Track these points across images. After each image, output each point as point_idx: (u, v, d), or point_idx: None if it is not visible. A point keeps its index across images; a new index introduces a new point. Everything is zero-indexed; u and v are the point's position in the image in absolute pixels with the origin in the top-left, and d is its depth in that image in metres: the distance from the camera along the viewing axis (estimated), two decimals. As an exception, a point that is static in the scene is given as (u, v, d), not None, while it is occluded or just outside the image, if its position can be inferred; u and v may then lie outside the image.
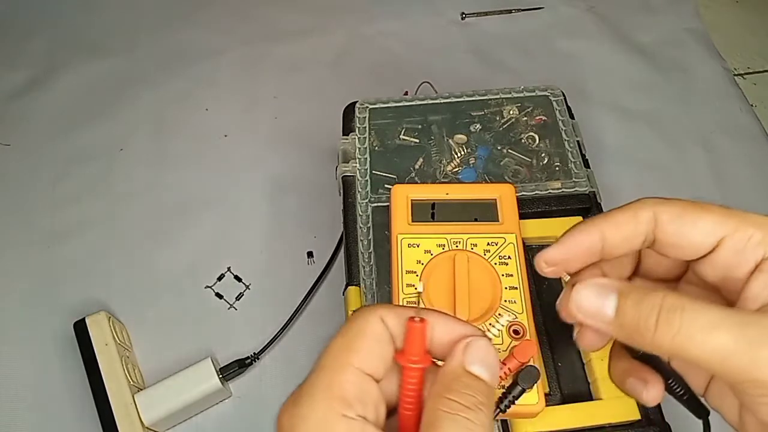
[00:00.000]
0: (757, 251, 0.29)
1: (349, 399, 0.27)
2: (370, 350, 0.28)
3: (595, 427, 0.41)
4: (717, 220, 0.29)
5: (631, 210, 0.31)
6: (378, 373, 0.28)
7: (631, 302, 0.28)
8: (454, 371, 0.28)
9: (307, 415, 0.27)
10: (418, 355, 0.28)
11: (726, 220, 0.29)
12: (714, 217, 0.30)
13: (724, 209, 0.30)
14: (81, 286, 0.61)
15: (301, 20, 0.82)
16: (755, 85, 0.78)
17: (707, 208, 0.30)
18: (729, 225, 0.29)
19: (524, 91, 0.58)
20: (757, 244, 0.29)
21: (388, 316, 0.29)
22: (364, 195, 0.52)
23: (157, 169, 0.69)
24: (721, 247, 0.30)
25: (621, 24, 0.81)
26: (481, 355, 0.28)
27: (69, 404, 0.55)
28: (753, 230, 0.29)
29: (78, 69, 0.78)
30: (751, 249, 0.29)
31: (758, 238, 0.29)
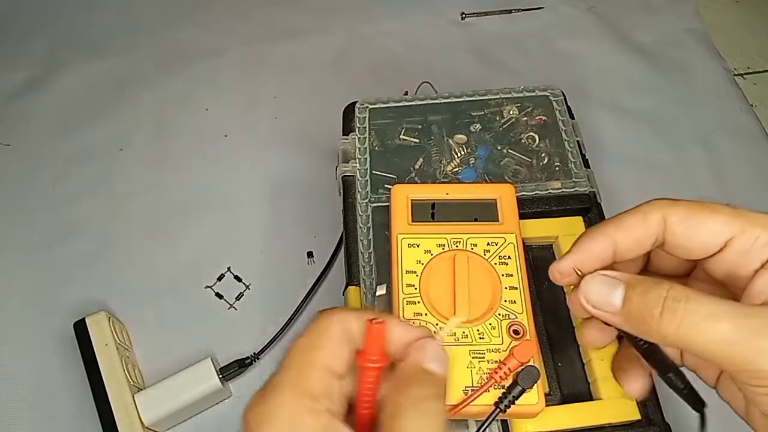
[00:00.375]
0: (763, 252, 0.30)
1: (316, 394, 0.28)
2: (332, 349, 0.30)
3: (595, 427, 0.41)
4: (724, 221, 0.30)
5: (641, 213, 0.33)
6: (340, 372, 0.30)
7: (637, 293, 0.30)
8: (413, 368, 0.30)
9: (276, 410, 0.28)
10: (377, 354, 0.30)
11: (733, 221, 0.30)
12: (722, 218, 0.31)
13: (731, 210, 0.31)
14: (81, 286, 0.61)
15: (301, 20, 0.82)
16: (755, 85, 0.78)
17: (715, 209, 0.31)
18: (736, 226, 0.30)
19: (524, 91, 0.58)
20: (763, 245, 0.30)
21: (349, 319, 0.31)
22: (364, 195, 0.52)
23: (157, 169, 0.69)
24: (729, 247, 0.31)
25: (621, 24, 0.81)
26: (434, 354, 0.31)
27: (69, 404, 0.55)
28: (759, 231, 0.30)
29: (78, 69, 0.78)
30: (757, 249, 0.30)
31: (765, 239, 0.30)
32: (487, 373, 0.39)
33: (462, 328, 0.41)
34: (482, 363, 0.40)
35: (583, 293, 0.32)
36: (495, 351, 0.40)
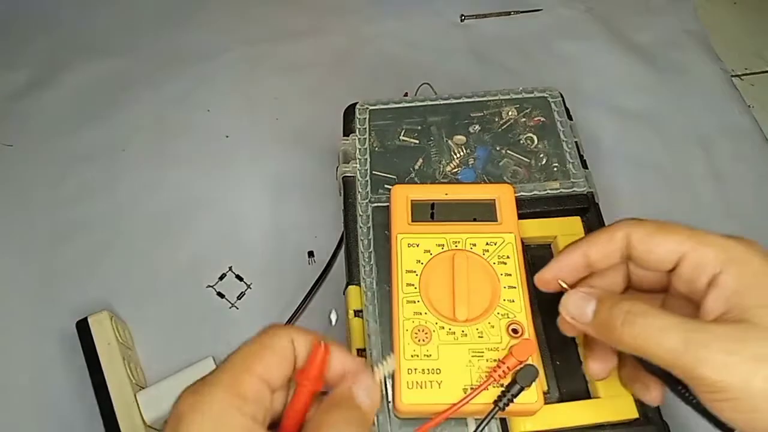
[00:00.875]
0: (710, 268, 0.34)
1: (246, 397, 0.31)
2: (273, 363, 0.32)
3: (594, 425, 0.42)
4: (679, 240, 0.35)
5: (609, 232, 0.38)
6: (275, 385, 0.32)
7: (605, 307, 0.35)
8: (343, 394, 0.33)
9: (207, 403, 0.30)
10: (316, 375, 0.33)
11: (686, 240, 0.35)
12: (676, 238, 0.35)
13: (688, 231, 0.35)
14: (83, 286, 0.61)
15: (302, 21, 0.83)
16: (753, 86, 0.78)
17: (672, 229, 0.36)
18: (688, 245, 0.35)
19: (523, 93, 0.58)
20: (710, 262, 0.34)
21: (298, 338, 0.34)
22: (364, 195, 0.52)
23: (158, 169, 0.69)
24: (682, 263, 0.35)
25: (619, 25, 0.82)
26: (366, 386, 0.33)
27: (71, 403, 0.55)
28: (707, 250, 0.34)
29: (79, 69, 0.78)
30: (705, 266, 0.34)
31: (711, 257, 0.34)
32: (486, 371, 0.40)
33: (462, 327, 0.42)
34: (481, 362, 0.40)
35: (564, 306, 0.37)
36: (494, 350, 0.41)
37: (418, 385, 0.40)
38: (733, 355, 0.30)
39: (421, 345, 0.41)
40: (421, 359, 0.41)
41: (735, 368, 0.30)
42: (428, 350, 0.41)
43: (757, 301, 0.32)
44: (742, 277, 0.33)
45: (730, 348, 0.30)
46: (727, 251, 0.34)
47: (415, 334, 0.41)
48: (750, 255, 0.33)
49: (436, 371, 0.40)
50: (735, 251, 0.34)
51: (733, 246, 0.34)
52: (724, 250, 0.34)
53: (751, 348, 0.30)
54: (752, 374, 0.29)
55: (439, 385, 0.40)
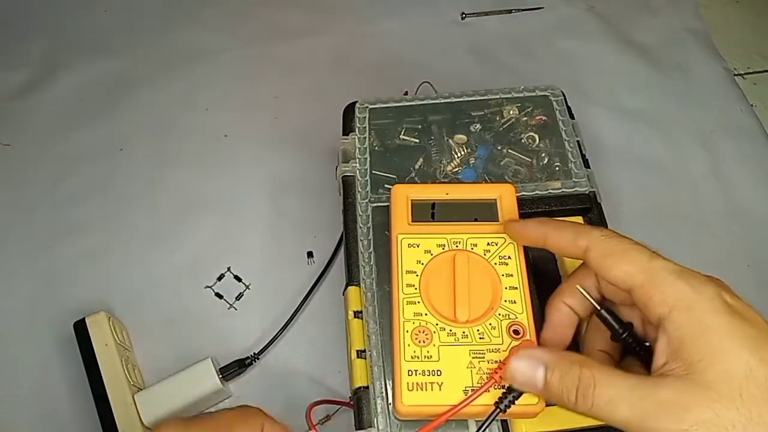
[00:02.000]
0: (656, 311, 0.33)
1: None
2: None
3: (595, 427, 0.41)
4: (630, 272, 0.35)
5: (574, 234, 0.38)
6: None
7: (555, 377, 0.34)
8: None
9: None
10: None
11: (638, 274, 0.34)
12: (629, 269, 0.35)
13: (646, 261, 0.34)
14: (81, 286, 0.61)
15: (301, 20, 0.82)
16: (755, 85, 0.78)
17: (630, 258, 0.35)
18: (636, 281, 0.34)
19: (524, 91, 0.58)
20: (656, 304, 0.33)
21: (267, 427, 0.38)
22: (364, 195, 0.52)
23: (157, 169, 0.69)
24: (632, 295, 0.35)
25: (621, 24, 0.81)
26: None
27: (69, 404, 0.55)
28: (654, 291, 0.33)
29: (78, 69, 0.78)
30: (652, 305, 0.33)
31: (657, 300, 0.33)
32: (487, 373, 0.39)
33: (462, 328, 0.41)
34: (482, 363, 0.40)
35: (511, 372, 0.36)
36: (495, 351, 0.40)
37: (418, 386, 0.39)
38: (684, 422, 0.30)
39: (421, 346, 0.41)
40: (421, 361, 0.40)
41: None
42: (429, 351, 0.40)
43: (699, 355, 0.31)
44: (686, 326, 0.32)
45: (681, 415, 0.30)
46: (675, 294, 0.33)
47: (416, 335, 0.41)
48: (697, 300, 0.32)
49: (436, 373, 0.40)
50: (682, 295, 0.33)
51: (682, 289, 0.33)
52: (671, 293, 0.33)
53: (697, 413, 0.30)
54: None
55: (440, 387, 0.39)
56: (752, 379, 0.30)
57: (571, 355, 0.35)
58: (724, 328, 0.31)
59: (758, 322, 0.32)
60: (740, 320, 0.32)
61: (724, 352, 0.31)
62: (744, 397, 0.30)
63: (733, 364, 0.30)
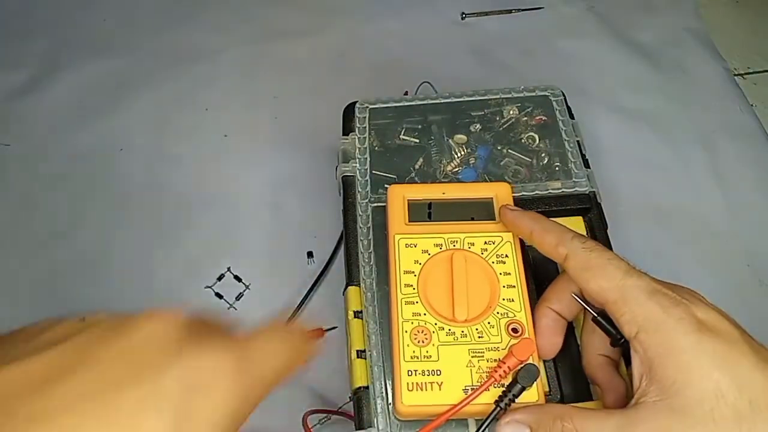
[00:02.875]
0: (626, 329, 0.34)
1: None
2: None
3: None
4: (604, 288, 0.35)
5: (557, 239, 0.38)
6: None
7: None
8: None
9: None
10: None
11: (610, 291, 0.35)
12: (603, 285, 0.35)
13: (619, 278, 0.35)
14: (80, 286, 0.61)
15: (301, 20, 0.82)
16: (755, 84, 0.78)
17: (606, 273, 0.35)
18: (609, 296, 0.35)
19: (524, 91, 0.58)
20: (625, 323, 0.34)
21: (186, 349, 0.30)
22: (364, 195, 0.52)
23: (156, 169, 0.69)
24: (607, 309, 0.35)
25: (621, 23, 0.81)
26: None
27: (69, 404, 0.55)
28: (625, 309, 0.34)
29: (78, 69, 0.78)
30: (623, 324, 0.34)
31: (627, 318, 0.34)
32: (487, 371, 0.39)
33: (461, 328, 0.41)
34: (482, 362, 0.40)
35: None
36: (494, 350, 0.40)
37: (418, 386, 0.39)
38: None
39: (420, 346, 0.41)
40: (421, 361, 0.40)
41: None
42: (428, 351, 0.40)
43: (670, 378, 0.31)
44: (654, 347, 0.32)
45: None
46: (644, 314, 0.33)
47: (415, 335, 0.41)
48: (665, 321, 0.32)
49: (436, 372, 0.40)
50: (651, 315, 0.33)
51: (651, 309, 0.33)
52: (640, 313, 0.33)
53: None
54: None
55: (440, 387, 0.39)
56: (722, 399, 0.30)
57: (552, 409, 0.35)
58: (692, 347, 0.31)
59: (730, 334, 0.32)
60: (710, 337, 0.31)
61: (694, 374, 0.31)
62: (716, 419, 0.30)
63: (704, 385, 0.30)
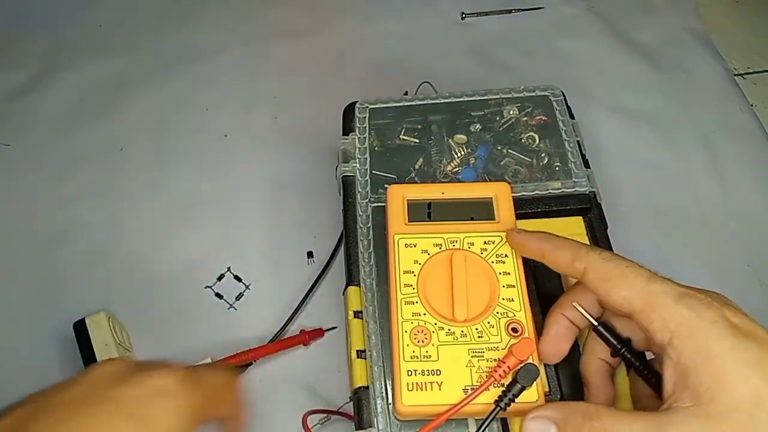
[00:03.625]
0: (657, 336, 0.33)
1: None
2: None
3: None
4: (629, 297, 0.34)
5: (573, 255, 0.38)
6: None
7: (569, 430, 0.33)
8: None
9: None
10: None
11: (637, 299, 0.34)
12: (628, 294, 0.34)
13: (644, 284, 0.34)
14: (81, 286, 0.61)
15: (301, 20, 0.82)
16: (755, 85, 0.78)
17: (628, 281, 0.34)
18: (636, 305, 0.34)
19: (524, 91, 0.58)
20: (657, 330, 0.33)
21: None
22: (364, 195, 0.52)
23: (157, 169, 0.69)
24: (633, 319, 0.34)
25: (621, 23, 0.81)
26: None
27: (69, 404, 0.55)
28: (655, 317, 0.33)
29: (78, 69, 0.78)
30: (653, 331, 0.33)
31: (658, 325, 0.33)
32: (487, 371, 0.39)
33: (461, 327, 0.41)
34: (481, 362, 0.40)
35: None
36: (494, 349, 0.40)
37: (418, 386, 0.39)
38: None
39: (420, 346, 0.41)
40: (420, 360, 0.40)
41: None
42: (428, 351, 0.40)
43: (704, 384, 0.30)
44: (689, 354, 0.31)
45: None
46: (675, 319, 0.32)
47: (414, 335, 0.41)
48: (699, 325, 0.32)
49: (436, 372, 0.40)
50: (683, 320, 0.32)
51: (682, 313, 0.32)
52: (671, 319, 0.32)
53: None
54: None
55: (440, 386, 0.39)
56: (760, 405, 0.29)
57: (579, 407, 0.34)
58: (729, 353, 0.30)
59: (763, 338, 0.31)
60: (745, 342, 0.31)
61: (730, 379, 0.30)
62: (755, 424, 0.29)
63: (741, 391, 0.30)
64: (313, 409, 0.51)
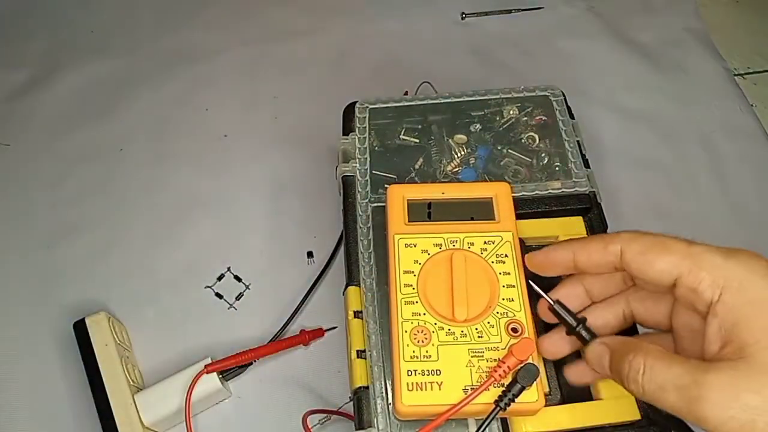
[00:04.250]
0: (707, 294, 0.32)
1: None
2: None
3: (596, 427, 0.41)
4: (674, 261, 0.34)
5: (603, 242, 0.37)
6: None
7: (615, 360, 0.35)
8: None
9: None
10: None
11: (682, 261, 0.33)
12: (672, 258, 0.34)
13: (685, 248, 0.34)
14: (81, 287, 0.61)
15: (301, 20, 0.82)
16: (755, 84, 0.78)
17: (668, 247, 0.34)
18: (683, 267, 0.33)
19: (524, 91, 0.58)
20: (707, 288, 0.32)
21: None
22: (364, 195, 0.52)
23: (157, 169, 0.69)
24: (678, 285, 0.34)
25: (621, 24, 0.81)
26: None
27: (69, 404, 0.55)
28: (704, 274, 0.33)
29: (78, 69, 0.78)
30: (702, 291, 0.33)
31: (708, 283, 0.32)
32: (487, 371, 0.39)
33: (461, 327, 0.41)
34: (481, 362, 0.40)
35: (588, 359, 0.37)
36: (494, 349, 0.40)
37: (418, 386, 0.39)
38: (731, 408, 0.29)
39: (420, 346, 0.41)
40: (420, 360, 0.40)
41: (734, 421, 0.29)
42: (428, 351, 0.40)
43: (754, 336, 0.30)
44: (740, 307, 0.31)
45: (725, 401, 0.30)
46: (725, 274, 0.32)
47: (414, 335, 0.41)
48: (750, 278, 0.32)
49: (436, 372, 0.40)
50: (733, 274, 0.32)
51: (731, 268, 0.32)
52: (721, 274, 0.32)
53: (748, 399, 0.29)
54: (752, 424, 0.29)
55: (440, 386, 0.39)
56: None
57: (631, 341, 0.35)
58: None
59: None
60: None
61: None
62: None
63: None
64: (313, 409, 0.51)
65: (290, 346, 0.55)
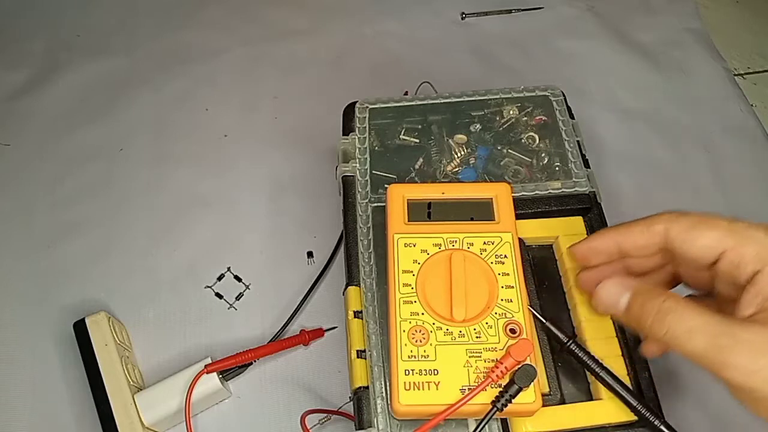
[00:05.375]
0: (749, 266, 0.34)
1: None
2: None
3: (595, 427, 0.41)
4: (718, 236, 0.35)
5: (646, 224, 0.38)
6: None
7: (638, 302, 0.36)
8: None
9: None
10: None
11: (726, 236, 0.35)
12: (716, 234, 0.35)
13: (728, 224, 0.35)
14: (81, 286, 0.61)
15: (301, 20, 0.82)
16: (755, 85, 0.78)
17: (713, 224, 0.36)
18: (728, 242, 0.35)
19: (524, 91, 0.58)
20: (750, 260, 0.34)
21: None
22: (364, 195, 0.52)
23: (156, 169, 0.69)
24: (722, 260, 0.35)
25: (621, 24, 0.81)
26: None
27: (69, 404, 0.55)
28: (747, 247, 0.34)
29: (78, 69, 0.78)
30: (746, 263, 0.34)
31: (752, 255, 0.34)
32: (484, 372, 0.39)
33: (459, 328, 0.41)
34: (479, 362, 0.40)
35: (597, 295, 0.38)
36: (492, 350, 0.40)
37: (415, 386, 0.39)
38: (758, 360, 0.30)
39: (418, 346, 0.41)
40: (418, 360, 0.40)
41: (760, 373, 0.30)
42: (426, 351, 0.40)
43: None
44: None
45: (755, 353, 0.30)
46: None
47: (413, 334, 0.41)
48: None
49: (433, 372, 0.40)
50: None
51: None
52: (765, 247, 0.34)
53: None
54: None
55: (437, 386, 0.39)
56: None
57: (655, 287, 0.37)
58: None
59: None
60: None
61: None
62: None
63: None
64: (313, 408, 0.51)
65: (290, 346, 0.55)
